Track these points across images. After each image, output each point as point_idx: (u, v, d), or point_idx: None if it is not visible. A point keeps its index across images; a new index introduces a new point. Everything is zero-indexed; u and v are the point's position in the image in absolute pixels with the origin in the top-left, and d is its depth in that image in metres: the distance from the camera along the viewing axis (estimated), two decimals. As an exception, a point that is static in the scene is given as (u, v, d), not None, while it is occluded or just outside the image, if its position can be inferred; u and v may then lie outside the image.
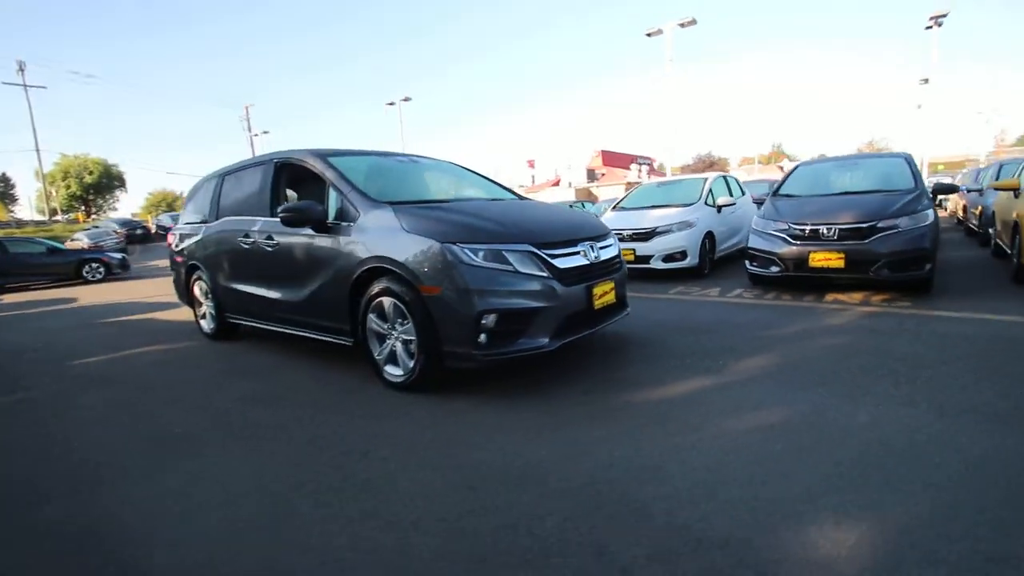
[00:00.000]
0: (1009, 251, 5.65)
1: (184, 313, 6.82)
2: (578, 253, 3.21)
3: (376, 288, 3.17)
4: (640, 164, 45.07)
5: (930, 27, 18.98)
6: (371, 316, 3.26)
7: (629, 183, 40.10)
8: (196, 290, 5.28)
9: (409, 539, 1.75)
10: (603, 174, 43.31)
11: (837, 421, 2.41)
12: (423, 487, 2.09)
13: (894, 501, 1.78)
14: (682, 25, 18.14)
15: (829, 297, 5.16)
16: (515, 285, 2.88)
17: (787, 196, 6.10)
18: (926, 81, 26.10)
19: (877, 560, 1.50)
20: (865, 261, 4.91)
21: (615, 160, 46.29)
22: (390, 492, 2.06)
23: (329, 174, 3.60)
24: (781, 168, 45.74)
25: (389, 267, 3.06)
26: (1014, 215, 5.50)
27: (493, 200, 3.93)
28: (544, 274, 2.96)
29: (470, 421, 2.71)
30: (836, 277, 5.18)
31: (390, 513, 1.91)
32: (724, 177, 8.35)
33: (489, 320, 2.82)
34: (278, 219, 3.96)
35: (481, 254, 2.88)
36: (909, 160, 5.94)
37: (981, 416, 2.36)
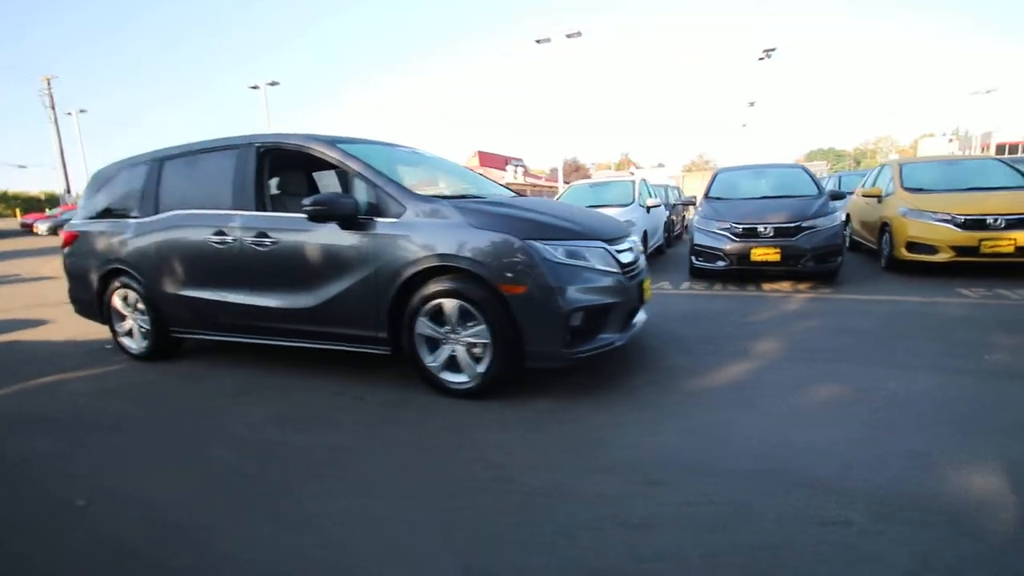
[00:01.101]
0: (876, 247, 7.06)
1: (66, 329, 5.48)
2: (630, 249, 3.31)
3: (432, 289, 2.93)
4: (516, 165, 46.64)
5: (762, 58, 22.79)
6: (422, 320, 3.00)
7: (508, 184, 41.23)
8: (116, 301, 4.29)
9: (663, 543, 1.69)
10: (481, 174, 43.83)
11: (880, 387, 2.84)
12: (608, 488, 2.01)
13: (989, 444, 2.18)
14: (568, 36, 19.31)
15: (766, 287, 5.96)
16: (595, 281, 2.89)
17: (718, 199, 6.89)
18: (752, 104, 31.15)
19: None
20: (795, 255, 5.79)
21: (491, 161, 47.14)
22: (585, 501, 1.95)
23: (353, 164, 3.21)
24: (632, 174, 50.78)
25: (457, 265, 2.85)
26: (878, 218, 6.91)
27: (516, 196, 3.85)
28: (615, 270, 3.01)
29: (569, 420, 2.66)
30: (770, 269, 6.00)
31: (618, 520, 1.81)
32: (643, 181, 9.10)
33: (576, 318, 2.80)
34: (270, 214, 3.49)
35: (561, 251, 2.83)
36: (806, 170, 7.11)
37: (980, 373, 2.99)
